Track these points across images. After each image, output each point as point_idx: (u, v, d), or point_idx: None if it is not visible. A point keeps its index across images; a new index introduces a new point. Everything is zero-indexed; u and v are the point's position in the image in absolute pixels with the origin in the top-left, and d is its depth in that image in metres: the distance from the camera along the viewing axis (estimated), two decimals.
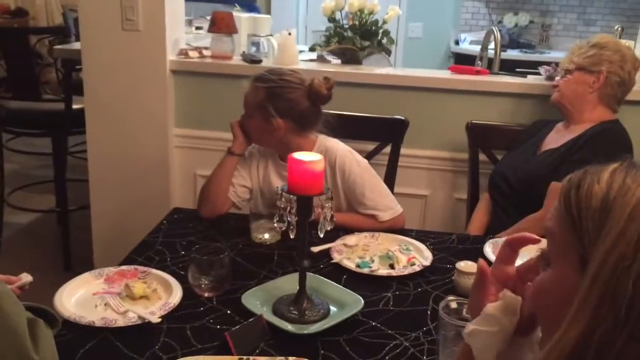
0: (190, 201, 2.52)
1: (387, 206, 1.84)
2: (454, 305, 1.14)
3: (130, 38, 2.39)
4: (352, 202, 1.84)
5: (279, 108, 1.76)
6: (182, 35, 2.63)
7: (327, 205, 1.30)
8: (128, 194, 2.57)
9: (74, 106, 2.92)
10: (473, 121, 2.29)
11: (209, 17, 3.99)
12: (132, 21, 2.36)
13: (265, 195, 1.89)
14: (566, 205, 0.71)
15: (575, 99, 2.00)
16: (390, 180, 2.24)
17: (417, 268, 1.58)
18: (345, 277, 1.54)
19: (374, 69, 2.53)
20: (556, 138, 2.03)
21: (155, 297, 1.38)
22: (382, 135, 2.28)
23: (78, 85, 2.73)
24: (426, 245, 1.72)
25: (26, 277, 1.41)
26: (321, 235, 1.32)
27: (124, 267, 1.50)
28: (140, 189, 2.56)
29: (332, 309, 1.36)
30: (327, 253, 1.64)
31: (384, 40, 2.58)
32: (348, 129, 2.17)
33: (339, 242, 1.69)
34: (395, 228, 1.83)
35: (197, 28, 3.65)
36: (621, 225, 0.65)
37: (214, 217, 1.87)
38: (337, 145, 1.87)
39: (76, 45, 2.86)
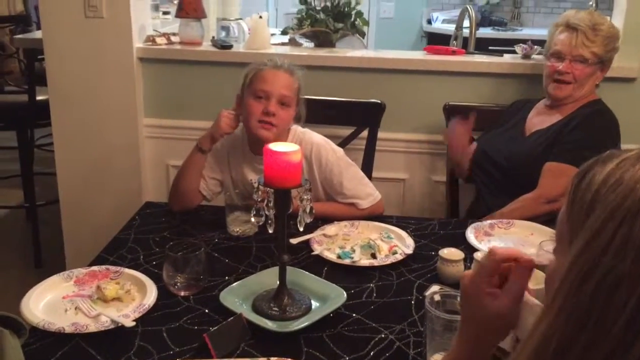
0: (164, 193, 2.43)
1: (367, 193, 1.80)
2: (437, 297, 1.11)
3: (94, 25, 2.29)
4: (330, 192, 1.80)
5: (299, 98, 1.78)
6: (149, 21, 2.53)
7: (305, 197, 1.25)
8: (98, 188, 2.48)
9: (39, 97, 2.80)
10: (450, 102, 2.25)
11: (176, 2, 3.89)
12: (95, 8, 2.26)
13: (239, 188, 1.83)
14: (569, 192, 0.68)
15: (583, 88, 1.95)
16: (368, 165, 2.20)
17: (399, 257, 1.55)
18: (326, 269, 1.50)
19: (348, 51, 2.47)
20: (543, 119, 2.00)
21: (129, 298, 1.32)
22: (358, 119, 2.23)
23: (42, 75, 2.62)
24: (407, 232, 1.68)
25: None
26: (301, 229, 1.27)
27: (94, 268, 1.44)
28: (111, 181, 2.48)
29: (314, 303, 1.32)
30: (306, 244, 1.60)
31: (357, 22, 2.52)
32: (323, 114, 2.13)
33: (318, 232, 1.65)
34: (374, 214, 1.79)
35: (165, 13, 3.53)
36: (598, 224, 0.61)
37: (186, 211, 1.81)
38: (312, 136, 1.83)
39: (38, 34, 2.74)
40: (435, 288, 1.36)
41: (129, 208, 1.97)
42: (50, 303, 1.30)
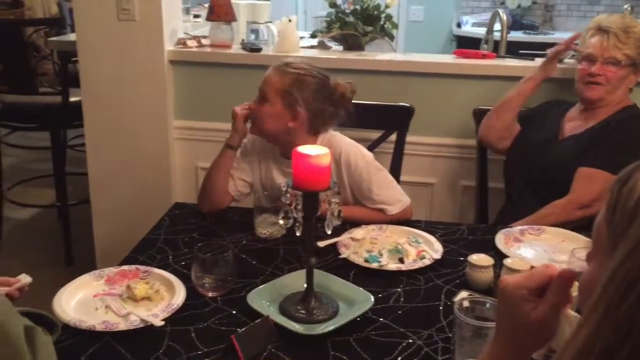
0: (192, 195, 2.46)
1: (395, 199, 1.79)
2: (466, 304, 1.10)
3: (126, 28, 2.33)
4: (359, 196, 1.79)
5: (304, 97, 1.70)
6: (180, 24, 2.57)
7: (334, 200, 1.25)
8: (128, 188, 2.52)
9: (72, 99, 2.85)
10: (480, 107, 2.23)
11: (206, 5, 3.93)
12: (127, 11, 2.29)
13: (268, 190, 1.83)
14: (609, 198, 0.66)
15: (616, 92, 1.92)
16: (396, 168, 2.19)
17: (427, 261, 1.53)
18: (353, 272, 1.49)
19: (377, 54, 2.46)
20: (577, 124, 1.97)
21: (158, 297, 1.34)
22: (387, 123, 2.22)
23: (75, 77, 2.67)
24: (435, 237, 1.67)
25: (25, 278, 1.36)
26: (329, 232, 1.26)
27: (125, 267, 1.45)
28: (141, 182, 2.51)
29: (341, 307, 1.32)
30: (333, 247, 1.60)
31: (387, 25, 2.51)
32: (352, 117, 2.12)
33: (345, 235, 1.65)
34: (403, 219, 1.78)
35: (195, 16, 3.58)
36: None
37: (215, 212, 1.82)
38: (341, 140, 1.81)
39: (72, 37, 2.80)
40: (464, 294, 1.35)
41: (158, 209, 1.99)
42: (81, 301, 1.32)
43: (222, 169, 1.82)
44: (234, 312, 1.31)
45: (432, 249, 1.60)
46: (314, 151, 1.22)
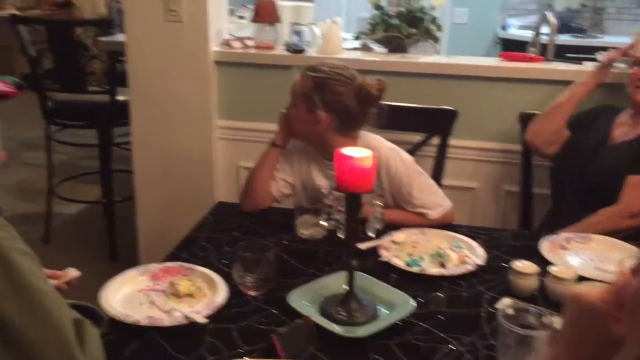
0: (234, 194, 2.49)
1: (436, 203, 1.77)
2: (510, 311, 1.08)
3: (173, 29, 2.37)
4: (399, 200, 1.78)
5: (325, 100, 1.71)
6: (225, 25, 2.60)
7: (377, 203, 1.25)
8: (172, 186, 2.57)
9: (119, 98, 2.93)
10: (526, 111, 2.19)
11: (251, 6, 3.96)
12: (175, 12, 2.34)
13: (308, 192, 1.85)
14: None
15: None
16: (437, 172, 2.17)
17: (469, 267, 1.51)
18: (394, 276, 1.49)
19: (420, 57, 2.45)
20: (627, 130, 1.92)
21: (200, 295, 1.36)
22: (429, 126, 2.21)
23: (122, 76, 2.73)
24: (478, 243, 1.64)
25: (72, 272, 1.40)
26: (371, 235, 1.27)
27: (168, 264, 1.48)
28: (184, 180, 2.55)
29: (382, 310, 1.31)
30: (374, 250, 1.59)
31: (431, 27, 2.49)
32: (394, 120, 2.11)
33: (386, 238, 1.64)
34: (444, 224, 1.76)
35: (240, 17, 3.61)
36: None
37: (256, 211, 1.84)
38: (381, 143, 1.81)
39: (120, 37, 2.86)
40: (507, 301, 1.32)
41: (200, 207, 2.02)
42: (126, 296, 1.35)
43: (266, 168, 1.84)
44: (274, 311, 1.32)
45: (474, 254, 1.58)
46: (357, 153, 1.22)
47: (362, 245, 1.57)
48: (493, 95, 2.30)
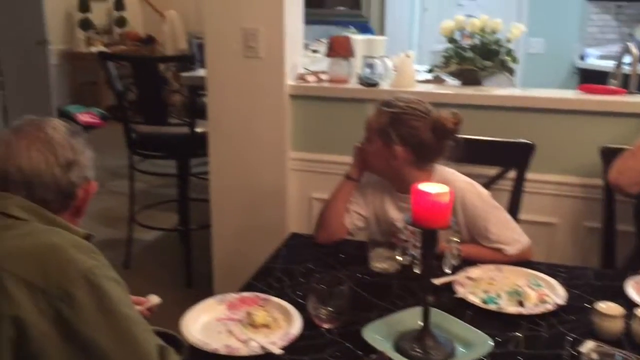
0: (306, 225, 2.53)
1: (513, 239, 1.74)
2: (595, 356, 1.04)
3: (251, 65, 2.46)
4: (474, 235, 1.76)
5: (401, 135, 1.72)
6: (300, 60, 2.67)
7: (453, 239, 1.24)
8: (246, 216, 2.63)
9: (197, 130, 3.05)
10: (608, 145, 2.11)
11: (324, 40, 4.05)
12: (253, 48, 2.42)
13: (382, 225, 1.85)
14: None
15: None
16: (514, 207, 2.12)
17: (549, 307, 1.47)
18: (469, 312, 1.46)
19: (495, 89, 2.42)
20: None
21: (276, 325, 1.38)
22: (505, 159, 2.17)
23: (201, 109, 2.85)
24: (558, 281, 1.59)
25: (154, 299, 1.46)
26: (447, 271, 1.26)
27: (245, 294, 1.52)
28: (258, 210, 2.61)
29: (458, 348, 1.29)
30: (449, 286, 1.57)
31: (507, 59, 2.46)
32: (469, 153, 2.09)
33: (462, 274, 1.61)
34: (522, 261, 1.72)
35: (314, 51, 3.70)
36: None
37: (330, 243, 1.85)
38: (456, 177, 1.80)
39: (200, 72, 2.99)
40: (591, 344, 1.27)
41: (273, 236, 2.06)
42: (205, 324, 1.39)
43: (340, 201, 1.86)
44: (348, 345, 1.33)
45: (554, 293, 1.53)
46: (435, 189, 1.22)
47: (437, 281, 1.55)
48: (572, 128, 2.24)
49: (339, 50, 2.51)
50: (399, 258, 1.28)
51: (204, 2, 2.50)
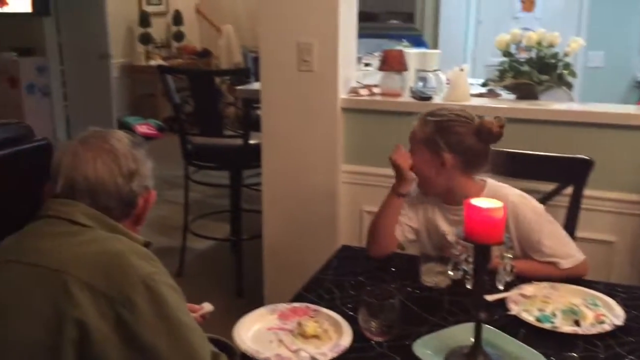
0: (357, 237, 2.54)
1: (567, 254, 1.70)
2: None
3: (305, 78, 2.50)
4: (527, 250, 1.73)
5: (448, 142, 1.73)
6: (353, 73, 2.69)
7: (507, 255, 1.22)
8: (298, 227, 2.66)
9: (251, 141, 3.10)
10: None
11: (376, 54, 4.07)
12: (307, 62, 2.46)
13: (432, 238, 1.84)
14: None
15: None
16: (570, 224, 2.06)
17: (607, 327, 1.42)
18: (523, 331, 1.43)
19: (552, 104, 2.38)
20: None
21: (326, 337, 1.39)
22: (562, 175, 2.12)
23: (255, 121, 2.91)
24: (616, 301, 1.54)
25: (208, 307, 1.50)
26: (500, 287, 1.24)
27: (296, 304, 1.53)
28: (309, 222, 2.63)
29: None
30: (502, 302, 1.54)
31: (565, 73, 2.42)
32: (525, 168, 2.06)
33: (515, 291, 1.58)
34: (577, 276, 1.68)
35: (366, 65, 3.72)
36: None
37: (383, 257, 1.85)
38: (509, 191, 1.77)
39: (255, 85, 3.06)
40: None
41: (324, 248, 2.08)
42: (257, 333, 1.42)
43: (390, 217, 1.86)
44: (398, 358, 1.32)
45: (612, 313, 1.49)
46: (488, 204, 1.21)
47: (490, 297, 1.53)
48: (632, 144, 2.18)
49: (392, 64, 2.51)
50: (451, 273, 1.27)
51: (260, 17, 2.56)
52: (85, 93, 6.09)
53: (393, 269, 1.78)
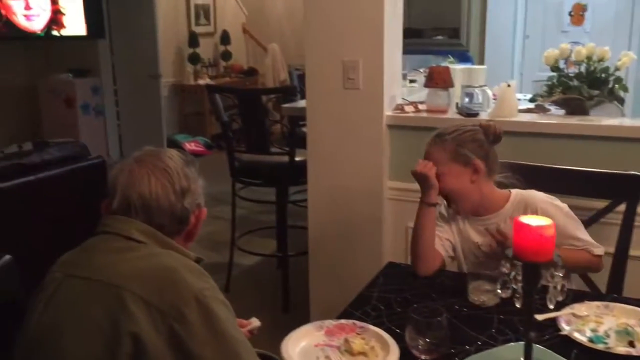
0: (402, 254, 2.53)
1: (596, 244, 1.80)
2: None
3: (350, 96, 2.52)
4: (560, 245, 1.73)
5: (473, 149, 1.80)
6: (399, 90, 2.70)
7: (557, 274, 1.20)
8: (343, 243, 2.67)
9: (297, 158, 3.14)
10: None
11: (422, 70, 4.08)
12: (353, 80, 2.49)
13: (466, 251, 1.88)
14: None
15: None
16: (624, 242, 2.00)
17: None
18: (575, 352, 1.40)
19: (603, 119, 2.33)
20: None
21: (373, 354, 1.39)
22: (615, 192, 2.07)
23: (300, 138, 2.94)
24: None
25: (255, 322, 1.52)
26: (551, 307, 1.22)
27: (343, 321, 1.54)
28: (355, 238, 2.64)
29: None
30: (553, 322, 1.51)
31: (616, 88, 2.37)
32: (576, 185, 2.03)
33: (567, 310, 1.55)
34: (598, 269, 1.82)
35: (411, 81, 3.73)
36: None
37: (430, 275, 1.84)
38: (535, 195, 1.83)
39: (301, 103, 3.10)
40: None
41: (369, 265, 2.08)
42: (304, 349, 1.43)
43: (428, 229, 1.86)
44: None
45: None
46: (537, 221, 1.20)
47: (540, 317, 1.50)
48: None
49: (438, 80, 2.51)
50: (499, 291, 1.26)
51: (306, 36, 2.60)
52: (137, 112, 6.29)
53: (439, 286, 1.77)
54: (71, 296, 1.12)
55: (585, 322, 1.51)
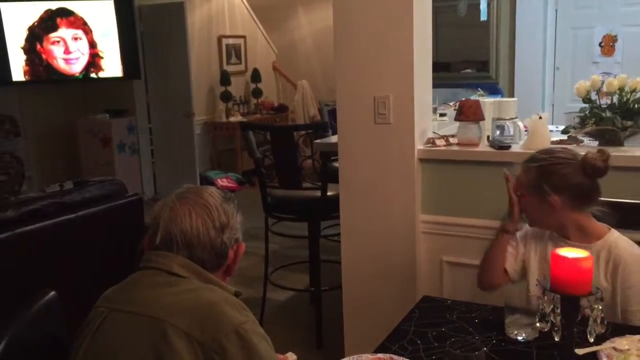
0: (437, 288, 2.51)
1: None
2: None
3: (381, 130, 2.55)
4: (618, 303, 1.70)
5: (554, 184, 1.75)
6: (429, 124, 2.72)
7: (596, 307, 1.19)
8: (377, 277, 2.66)
9: (329, 193, 3.17)
10: None
11: (452, 103, 4.10)
12: (384, 115, 2.52)
13: (545, 271, 1.85)
14: None
15: None
16: None
17: None
18: None
19: (637, 150, 2.30)
20: None
21: None
22: None
23: (332, 174, 2.97)
24: None
25: (292, 357, 1.53)
26: (591, 340, 1.21)
27: (380, 355, 1.54)
28: (389, 272, 2.63)
29: None
30: (594, 356, 1.49)
31: None
32: (617, 217, 2.01)
33: (607, 344, 1.52)
34: None
35: (441, 115, 3.74)
36: None
37: (492, 289, 1.92)
38: (628, 247, 1.76)
39: (333, 139, 3.14)
40: None
41: (404, 299, 2.07)
42: None
43: (499, 255, 1.90)
44: None
45: None
46: (574, 254, 1.20)
47: (580, 351, 1.48)
48: None
49: (468, 114, 2.53)
50: (538, 325, 1.25)
51: (336, 73, 2.65)
52: (170, 149, 6.43)
53: (476, 320, 1.76)
54: (116, 330, 1.16)
55: (627, 357, 1.48)
